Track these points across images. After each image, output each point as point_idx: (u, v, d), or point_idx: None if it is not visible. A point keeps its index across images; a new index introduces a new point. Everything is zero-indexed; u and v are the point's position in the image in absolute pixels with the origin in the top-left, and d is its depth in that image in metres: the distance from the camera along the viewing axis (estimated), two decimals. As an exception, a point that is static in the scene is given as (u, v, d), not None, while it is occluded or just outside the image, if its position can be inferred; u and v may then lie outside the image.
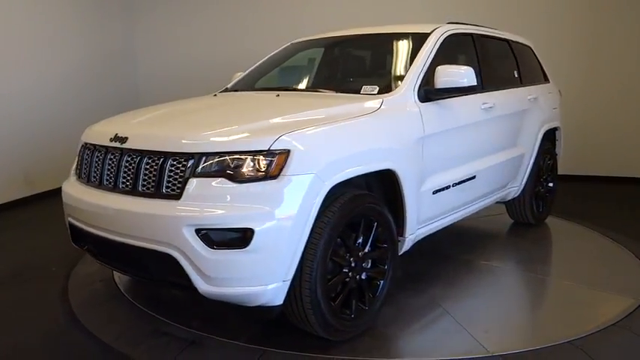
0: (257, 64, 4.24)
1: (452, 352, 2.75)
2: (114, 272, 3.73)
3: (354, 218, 2.72)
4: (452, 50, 3.84)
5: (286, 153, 2.40)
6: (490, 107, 3.83)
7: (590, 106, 6.87)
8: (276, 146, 2.40)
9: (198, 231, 2.35)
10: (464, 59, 4.03)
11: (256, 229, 2.32)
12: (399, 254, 3.20)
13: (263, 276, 2.40)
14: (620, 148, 6.92)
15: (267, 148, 2.39)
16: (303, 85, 3.90)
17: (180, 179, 2.44)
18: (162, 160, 2.49)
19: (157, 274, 2.62)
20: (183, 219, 2.36)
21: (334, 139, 2.63)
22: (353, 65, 4.02)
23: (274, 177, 2.38)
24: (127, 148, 2.63)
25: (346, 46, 4.13)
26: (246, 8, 7.83)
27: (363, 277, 2.84)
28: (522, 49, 4.86)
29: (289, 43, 4.35)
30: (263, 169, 2.38)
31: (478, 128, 3.74)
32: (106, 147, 2.75)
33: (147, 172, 2.53)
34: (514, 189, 4.51)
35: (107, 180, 2.70)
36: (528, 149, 4.51)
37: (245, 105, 3.23)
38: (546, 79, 5.13)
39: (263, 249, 2.35)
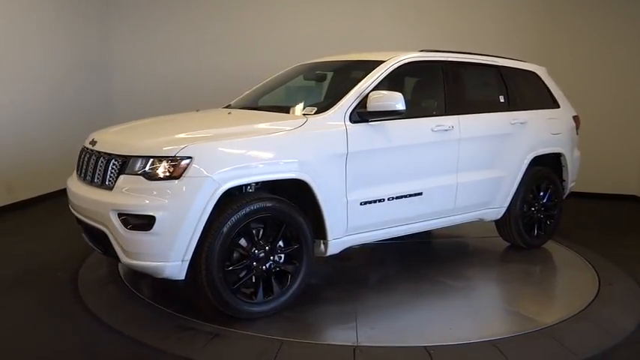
0: (260, 83, 4.91)
1: (333, 339, 3.21)
2: (122, 275, 4.05)
3: (260, 217, 3.26)
4: (410, 76, 4.19)
5: (189, 159, 3.04)
6: (446, 130, 4.09)
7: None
8: (181, 153, 3.05)
9: (119, 215, 3.09)
10: (426, 84, 4.32)
11: (157, 216, 2.99)
12: (326, 255, 3.66)
13: (164, 254, 3.05)
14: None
15: (173, 155, 3.05)
16: (273, 104, 4.45)
17: (116, 175, 3.20)
18: (107, 159, 3.27)
19: (104, 248, 3.38)
20: (111, 205, 3.11)
21: (237, 150, 3.20)
22: (317, 88, 4.52)
23: (177, 177, 3.03)
24: (94, 150, 3.45)
25: (319, 71, 4.65)
26: (229, 22, 8.02)
27: (272, 269, 3.35)
28: (521, 74, 4.95)
29: (293, 66, 4.98)
30: (170, 171, 3.04)
31: (427, 148, 4.02)
32: (86, 148, 3.61)
33: (100, 168, 3.33)
34: (493, 210, 4.63)
35: (83, 174, 3.55)
36: (510, 172, 4.60)
37: (195, 120, 3.91)
38: (556, 105, 5.14)
39: (163, 233, 3.01)
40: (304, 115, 3.65)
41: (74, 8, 7.40)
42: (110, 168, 3.24)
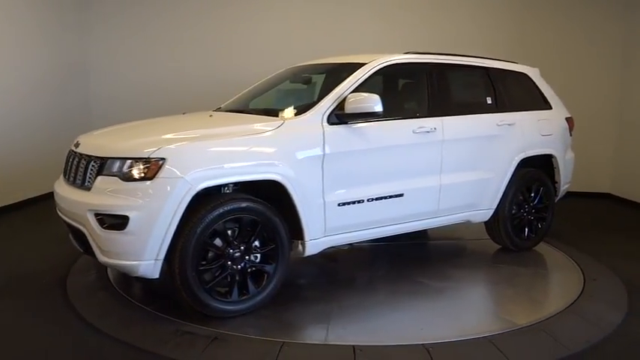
0: (252, 86, 4.97)
1: (303, 338, 3.26)
2: (112, 280, 4.01)
3: (235, 218, 3.32)
4: (393, 78, 4.21)
5: (162, 161, 3.12)
6: (428, 131, 4.10)
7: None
8: (155, 155, 3.13)
9: (96, 215, 3.18)
10: (409, 87, 4.34)
11: (131, 216, 3.07)
12: (305, 256, 3.70)
13: (138, 253, 3.12)
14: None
15: (147, 157, 3.13)
16: (265, 107, 4.47)
17: (94, 176, 3.29)
18: (87, 161, 3.37)
19: (84, 247, 3.47)
20: (88, 205, 3.21)
21: (211, 152, 3.27)
22: (309, 91, 4.53)
23: (150, 178, 3.11)
24: (77, 152, 3.55)
25: (308, 73, 4.69)
26: (212, 24, 7.88)
27: (248, 268, 3.41)
28: (511, 76, 4.94)
29: (284, 69, 5.03)
30: (143, 172, 3.12)
31: (409, 150, 4.04)
32: (71, 150, 3.71)
33: (81, 169, 3.43)
34: (480, 212, 4.62)
35: (67, 175, 3.65)
36: (497, 174, 4.59)
37: (175, 123, 3.97)
38: (548, 106, 5.10)
39: (136, 232, 3.09)
40: (282, 117, 3.70)
41: (51, 8, 7.14)
42: (89, 169, 3.33)
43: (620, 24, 7.50)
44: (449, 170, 4.29)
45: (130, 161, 3.16)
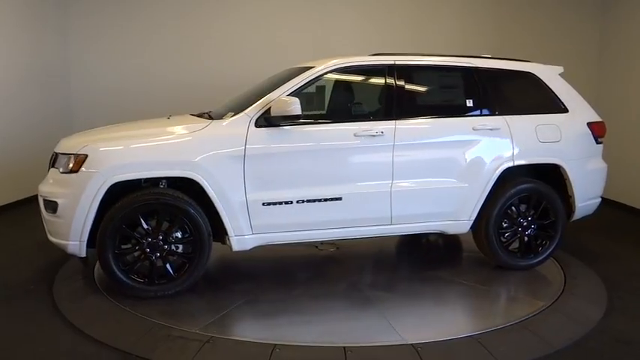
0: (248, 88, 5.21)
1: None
2: (99, 286, 4.01)
3: (153, 209, 3.71)
4: (342, 82, 4.21)
5: (84, 156, 3.65)
6: (373, 135, 3.99)
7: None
8: (80, 151, 3.68)
9: (43, 200, 3.84)
10: (361, 89, 4.23)
11: (59, 202, 3.66)
12: (235, 250, 3.92)
13: (66, 234, 3.70)
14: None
15: (74, 152, 3.69)
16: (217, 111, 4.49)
17: (50, 168, 3.97)
18: (52, 156, 4.06)
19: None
20: (40, 192, 3.89)
21: (126, 150, 3.69)
22: (257, 95, 4.59)
23: (76, 171, 3.66)
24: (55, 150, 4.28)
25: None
26: (193, 27, 7.73)
27: (166, 256, 3.77)
28: (510, 76, 4.48)
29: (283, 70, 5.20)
30: (72, 166, 3.69)
31: (347, 153, 3.98)
32: None
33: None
34: (455, 223, 4.28)
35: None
36: (474, 183, 4.21)
37: (135, 124, 4.41)
38: (562, 109, 4.50)
39: (63, 216, 3.67)
40: (212, 119, 3.98)
41: (31, 7, 6.98)
42: (51, 163, 4.02)
43: (595, 25, 7.71)
44: (404, 176, 4.09)
45: (66, 156, 3.76)
